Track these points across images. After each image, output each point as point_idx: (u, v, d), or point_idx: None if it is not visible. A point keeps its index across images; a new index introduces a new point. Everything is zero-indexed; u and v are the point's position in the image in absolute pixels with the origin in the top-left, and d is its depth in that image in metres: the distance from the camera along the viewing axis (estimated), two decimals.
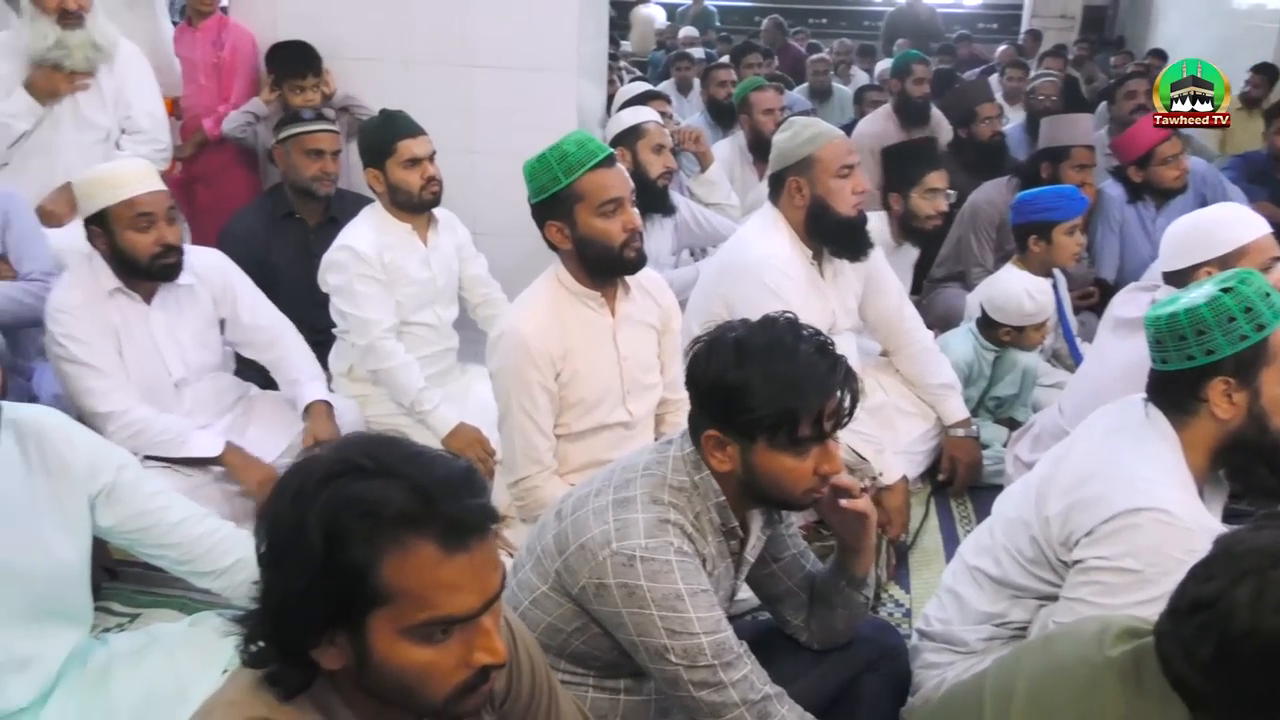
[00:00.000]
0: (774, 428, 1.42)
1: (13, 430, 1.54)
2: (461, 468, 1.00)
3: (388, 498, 0.93)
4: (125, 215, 2.32)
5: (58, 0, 2.94)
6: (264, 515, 0.98)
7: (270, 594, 0.98)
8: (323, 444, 1.02)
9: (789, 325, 1.47)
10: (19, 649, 1.57)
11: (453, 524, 0.95)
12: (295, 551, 0.93)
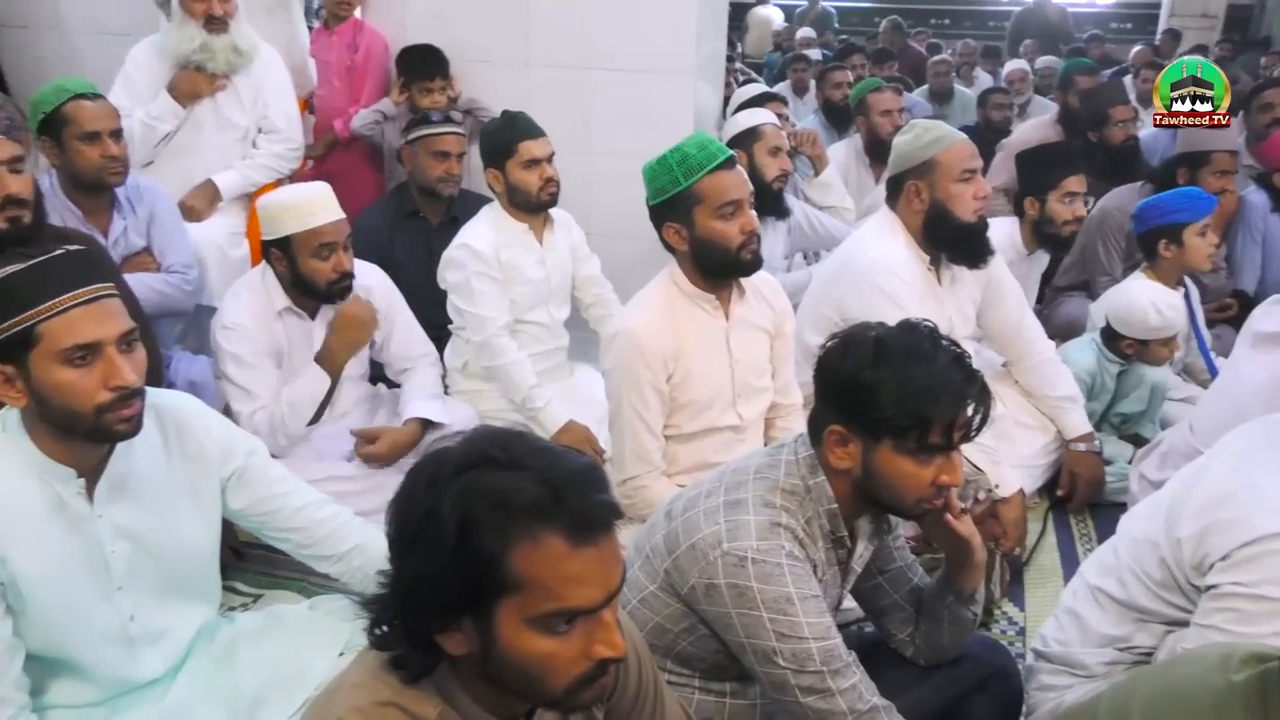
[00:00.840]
0: (903, 431, 1.42)
1: (154, 415, 1.61)
2: (586, 464, 1.02)
3: (519, 489, 0.96)
4: (309, 244, 2.43)
5: (204, 6, 3.10)
6: (397, 501, 1.02)
7: (401, 578, 1.01)
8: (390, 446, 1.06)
9: (929, 333, 1.47)
10: (154, 623, 1.65)
11: (580, 518, 0.97)
12: (428, 538, 0.97)
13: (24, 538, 1.48)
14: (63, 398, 1.43)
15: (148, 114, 3.16)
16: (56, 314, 1.41)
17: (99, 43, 3.60)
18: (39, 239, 2.02)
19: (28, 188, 2.06)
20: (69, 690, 1.61)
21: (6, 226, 2.01)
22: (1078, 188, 2.98)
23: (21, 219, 2.04)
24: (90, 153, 2.60)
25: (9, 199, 2.02)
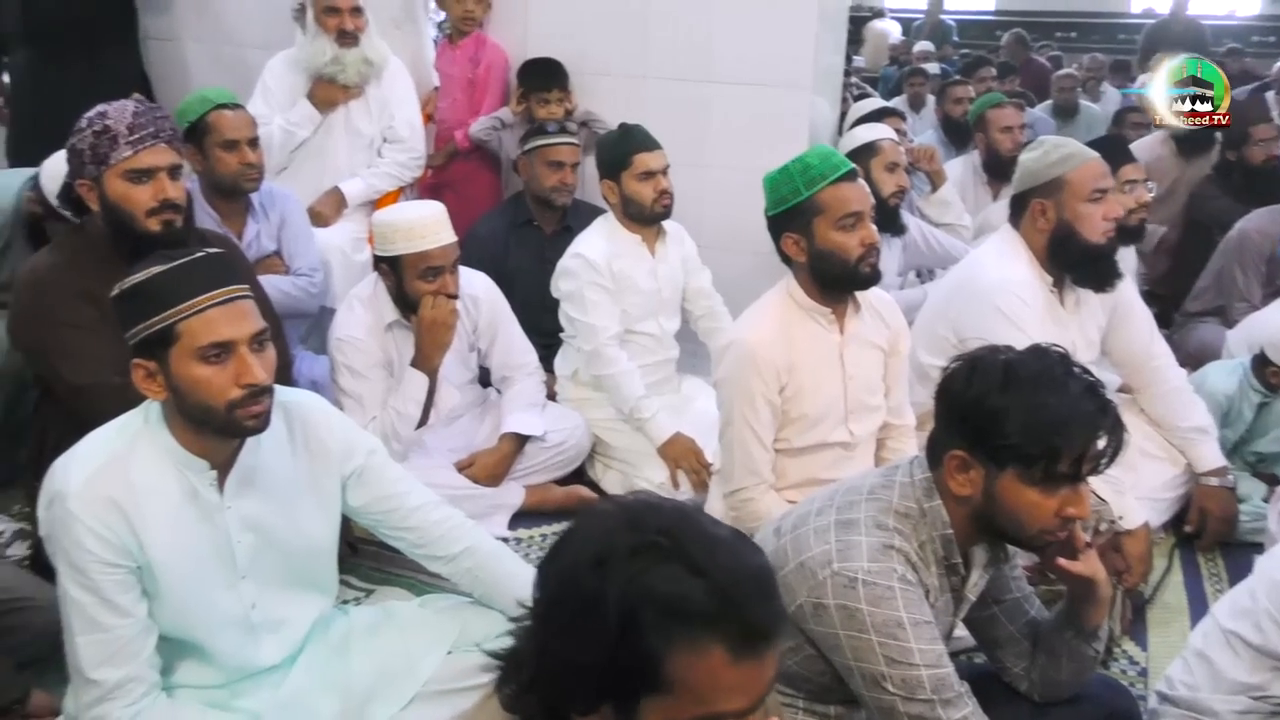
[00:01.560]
0: (1029, 460, 1.37)
1: (282, 412, 1.67)
2: (760, 567, 0.96)
3: (690, 596, 0.91)
4: (416, 266, 2.51)
5: (337, 21, 3.22)
6: (555, 569, 0.97)
7: (549, 653, 0.96)
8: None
9: (1061, 359, 1.42)
10: (275, 612, 1.71)
11: (747, 632, 0.92)
12: (588, 624, 0.92)
13: (160, 524, 1.55)
14: (197, 393, 1.50)
15: (287, 120, 3.30)
16: (195, 313, 1.48)
17: (239, 54, 3.76)
18: (186, 241, 2.12)
19: (183, 194, 2.15)
20: (195, 672, 1.67)
21: (161, 229, 2.10)
22: (1136, 175, 2.88)
23: (175, 223, 2.13)
24: (229, 160, 2.72)
25: (166, 203, 2.10)
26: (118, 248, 2.11)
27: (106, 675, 1.52)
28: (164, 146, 2.11)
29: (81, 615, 1.52)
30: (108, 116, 2.08)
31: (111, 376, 2.05)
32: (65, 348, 2.11)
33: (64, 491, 1.50)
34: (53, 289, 2.13)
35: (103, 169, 2.08)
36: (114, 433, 1.59)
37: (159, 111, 2.15)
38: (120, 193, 2.09)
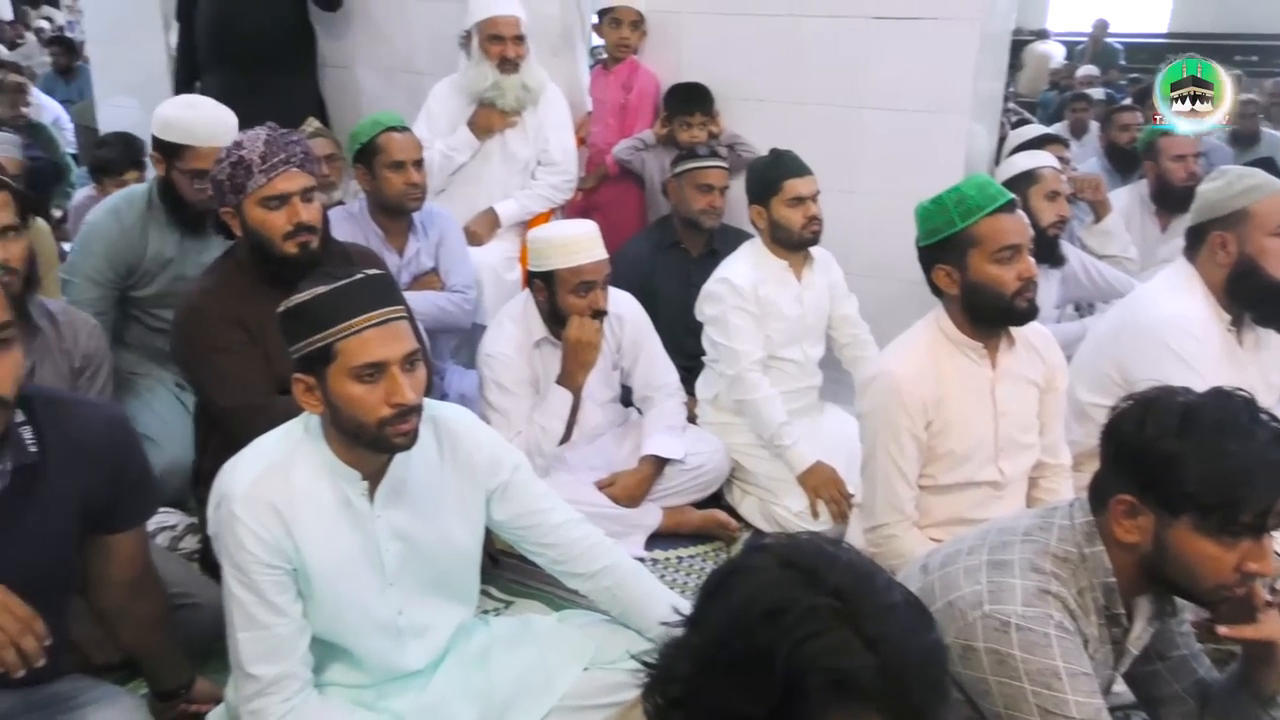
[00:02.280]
0: (1208, 510, 1.29)
1: (432, 426, 1.72)
2: (931, 643, 0.95)
3: (860, 673, 0.90)
4: (570, 281, 2.57)
5: (500, 49, 3.33)
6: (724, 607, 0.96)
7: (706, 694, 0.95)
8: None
9: (1245, 404, 1.34)
10: (420, 618, 1.75)
11: (909, 714, 0.91)
12: (752, 677, 0.91)
13: (315, 530, 1.61)
14: (351, 409, 1.55)
15: (447, 145, 3.43)
16: (352, 334, 1.53)
17: (407, 80, 3.95)
18: (326, 261, 2.20)
19: (317, 216, 2.22)
20: (344, 672, 1.74)
21: (297, 251, 2.19)
22: None
23: (310, 244, 2.20)
24: (396, 180, 2.85)
25: (300, 226, 2.18)
26: (260, 271, 2.21)
27: (264, 671, 1.59)
28: (295, 171, 2.18)
29: (243, 612, 1.59)
30: (242, 147, 2.17)
31: (255, 399, 2.17)
32: (214, 371, 2.22)
33: (230, 494, 1.58)
34: (205, 314, 2.23)
35: (241, 197, 2.18)
36: (276, 441, 1.67)
37: (290, 137, 2.22)
38: (258, 219, 2.18)
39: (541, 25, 3.54)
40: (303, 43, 4.04)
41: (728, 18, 3.53)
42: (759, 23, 3.46)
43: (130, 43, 4.41)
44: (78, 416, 1.57)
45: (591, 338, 2.62)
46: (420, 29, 3.97)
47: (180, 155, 2.66)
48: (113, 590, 1.72)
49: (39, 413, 1.51)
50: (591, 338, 2.62)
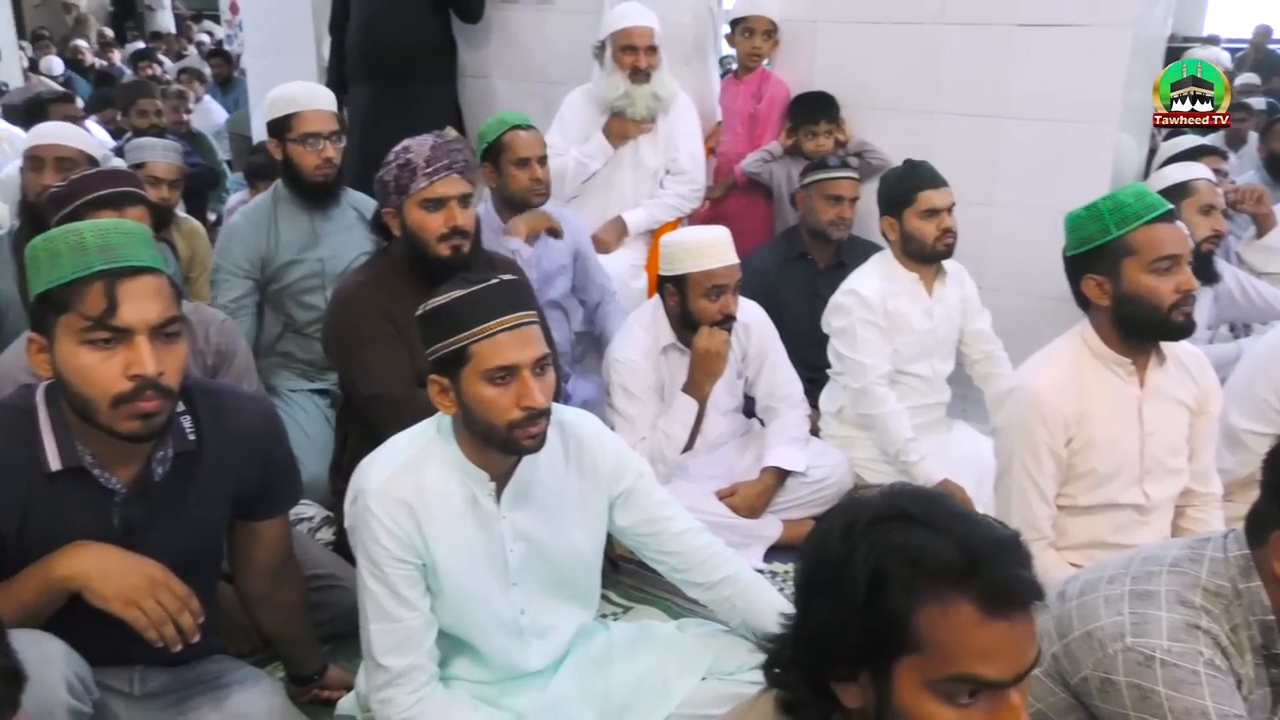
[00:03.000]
0: None
1: (558, 430, 1.75)
2: (1009, 535, 0.98)
3: (935, 550, 0.94)
4: (702, 284, 2.58)
5: (633, 59, 3.38)
6: (810, 545, 1.03)
7: (807, 621, 1.02)
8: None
9: None
10: (541, 619, 1.78)
11: (995, 589, 0.93)
12: (837, 586, 0.97)
13: (445, 527, 1.66)
14: (482, 411, 1.59)
15: (582, 152, 3.49)
16: (486, 337, 1.57)
17: (541, 89, 4.04)
18: (475, 265, 2.28)
19: (471, 221, 2.31)
20: (468, 668, 1.78)
21: (450, 254, 2.27)
22: None
23: (462, 248, 2.28)
24: (521, 176, 2.91)
25: (455, 229, 2.27)
26: (414, 270, 2.30)
27: (394, 662, 1.64)
28: (456, 177, 2.27)
29: (375, 604, 1.65)
30: (409, 150, 2.27)
31: (397, 389, 2.25)
32: (363, 360, 2.30)
33: (365, 490, 1.64)
34: (358, 306, 2.33)
35: (403, 198, 2.27)
36: (410, 440, 1.72)
37: (454, 145, 2.31)
38: (417, 220, 2.27)
39: (674, 34, 3.57)
40: (444, 54, 4.19)
41: (864, 26, 3.48)
42: (897, 31, 3.41)
43: (284, 55, 4.64)
44: (233, 408, 1.65)
45: (720, 348, 2.62)
46: (556, 39, 4.06)
47: (290, 126, 2.86)
48: (256, 576, 1.80)
49: (198, 403, 1.60)
50: (720, 348, 2.62)
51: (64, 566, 1.47)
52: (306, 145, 2.86)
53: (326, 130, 2.89)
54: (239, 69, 7.94)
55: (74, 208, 1.98)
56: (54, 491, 1.49)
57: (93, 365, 1.41)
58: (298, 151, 2.87)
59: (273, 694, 1.72)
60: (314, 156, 2.86)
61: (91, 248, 1.41)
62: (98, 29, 11.95)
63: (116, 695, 1.64)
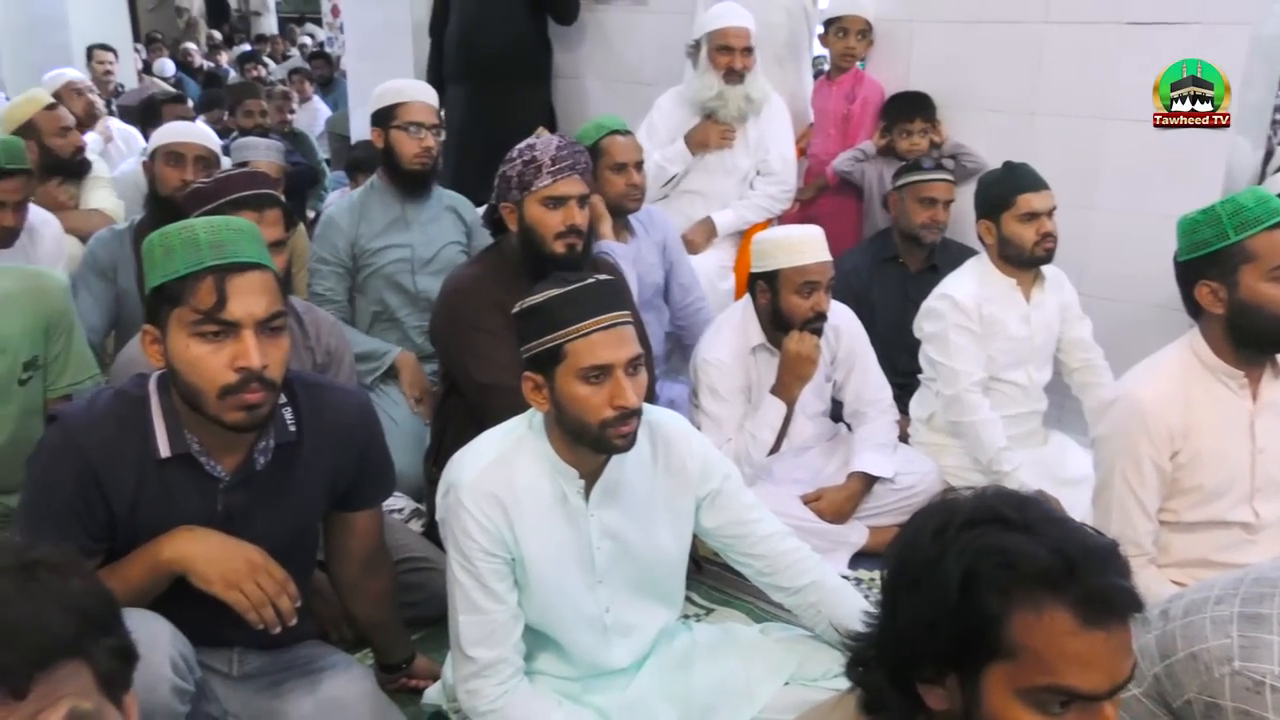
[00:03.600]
0: None
1: (648, 430, 1.76)
2: (1107, 544, 0.95)
3: (1031, 554, 0.92)
4: (794, 280, 2.56)
5: (728, 60, 3.37)
6: (900, 544, 1.02)
7: (896, 619, 1.01)
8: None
9: None
10: (625, 617, 1.79)
11: (1092, 597, 0.91)
12: (930, 585, 0.95)
13: (534, 523, 1.68)
14: (575, 409, 1.60)
15: (663, 156, 3.50)
16: (581, 336, 1.58)
17: (633, 90, 4.06)
18: (582, 265, 2.31)
19: (587, 222, 2.35)
20: (553, 663, 1.80)
21: (564, 251, 2.31)
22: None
23: (576, 246, 2.32)
24: (617, 181, 2.93)
25: (572, 228, 2.31)
26: (526, 265, 2.33)
27: (481, 654, 1.67)
28: (577, 178, 2.31)
29: (464, 596, 1.68)
30: (536, 148, 2.31)
31: (507, 379, 2.27)
32: (474, 348, 2.35)
33: (458, 483, 1.67)
34: (470, 296, 2.38)
35: (525, 194, 2.31)
36: (502, 435, 1.74)
37: (577, 147, 2.36)
38: (536, 216, 2.31)
39: (768, 34, 3.55)
40: (539, 55, 4.25)
41: (962, 25, 3.41)
42: (997, 30, 3.33)
43: (383, 57, 4.75)
44: (332, 401, 1.70)
45: (810, 353, 2.60)
46: (649, 40, 4.08)
47: (394, 114, 2.99)
48: (349, 564, 1.85)
49: (299, 396, 1.65)
50: (810, 353, 2.60)
51: (170, 549, 1.53)
52: (409, 132, 2.98)
53: (429, 121, 3.00)
54: (339, 71, 8.16)
55: (216, 205, 2.06)
56: (163, 477, 1.55)
57: (202, 357, 1.46)
58: (399, 138, 2.99)
59: (363, 680, 1.76)
60: (414, 144, 2.98)
61: (204, 244, 1.46)
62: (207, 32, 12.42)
63: (216, 675, 1.70)
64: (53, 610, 0.79)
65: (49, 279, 2.31)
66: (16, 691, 0.76)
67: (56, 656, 0.79)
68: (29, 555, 0.83)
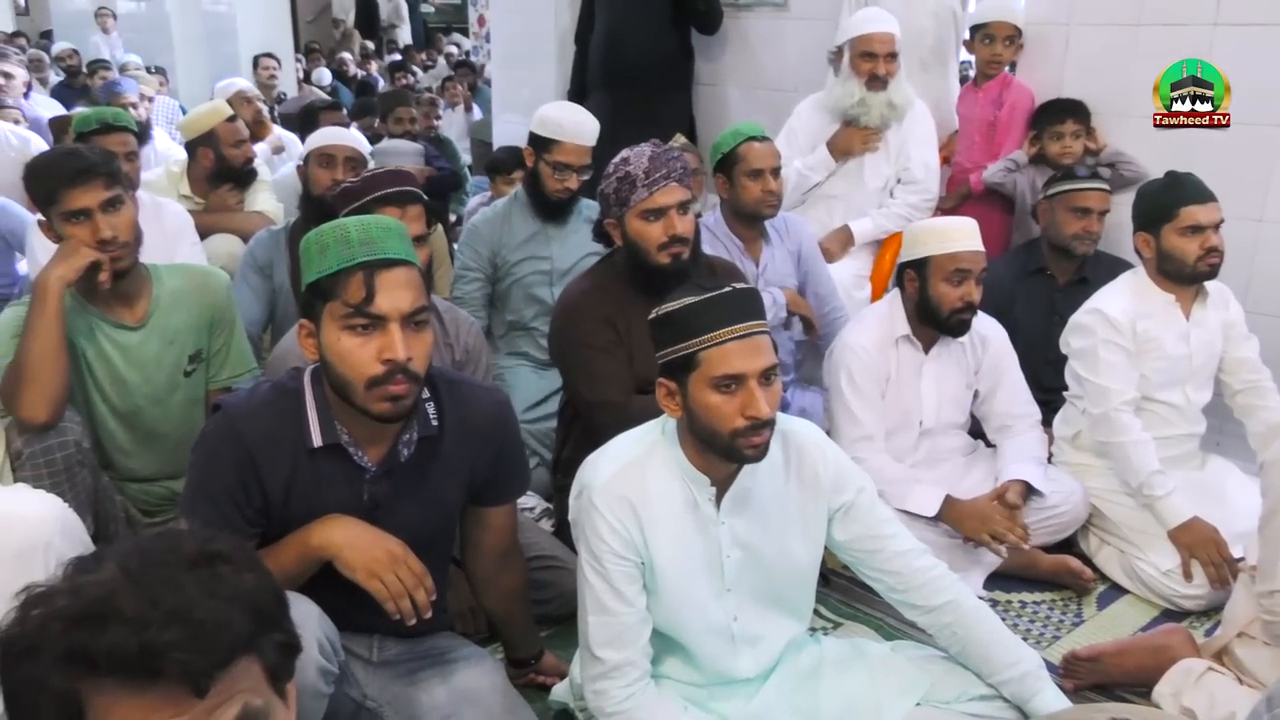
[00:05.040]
0: None
1: (780, 439, 1.73)
2: None
3: None
4: (944, 267, 2.51)
5: (871, 66, 3.32)
6: None
7: None
8: None
9: None
10: (752, 627, 1.78)
11: None
12: None
13: (664, 528, 1.68)
14: (707, 417, 1.60)
15: (804, 164, 3.47)
16: (715, 344, 1.58)
17: (772, 97, 4.04)
18: (695, 271, 2.30)
19: (690, 228, 2.33)
20: (679, 669, 1.80)
21: (669, 262, 2.30)
22: None
23: (681, 255, 2.31)
24: (753, 188, 2.92)
25: (674, 238, 2.29)
26: (635, 278, 2.35)
27: (609, 655, 1.68)
28: (674, 185, 2.30)
29: (594, 597, 1.69)
30: (628, 163, 2.31)
31: (615, 396, 2.32)
32: (583, 365, 2.38)
33: (591, 485, 1.68)
34: (581, 313, 2.40)
35: (624, 210, 2.32)
36: (636, 439, 1.75)
37: (671, 153, 2.34)
38: (637, 230, 2.32)
39: (914, 40, 3.48)
40: (681, 64, 4.28)
41: (1123, 28, 3.26)
42: (1162, 33, 3.17)
43: (527, 65, 4.88)
44: (472, 398, 1.75)
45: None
46: (791, 47, 4.05)
47: (549, 148, 3.03)
48: (483, 559, 1.90)
49: (441, 391, 1.70)
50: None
51: (319, 536, 1.61)
52: (556, 172, 3.04)
53: (578, 164, 3.05)
54: (483, 79, 8.39)
55: (364, 202, 2.16)
56: (314, 466, 1.63)
57: (351, 349, 1.53)
58: (546, 172, 3.06)
59: (495, 673, 1.80)
60: (558, 183, 3.05)
61: (355, 241, 1.53)
62: (360, 43, 12.96)
63: (357, 660, 1.77)
64: (233, 608, 0.81)
65: (214, 277, 2.46)
66: (199, 690, 0.78)
67: (235, 655, 0.81)
68: (209, 548, 0.85)
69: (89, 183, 2.13)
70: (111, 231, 2.14)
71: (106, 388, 2.29)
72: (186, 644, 0.77)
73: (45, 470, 2.07)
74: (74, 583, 0.81)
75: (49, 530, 1.36)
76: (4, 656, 0.79)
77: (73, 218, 2.14)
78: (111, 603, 0.77)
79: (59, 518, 1.39)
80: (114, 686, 0.77)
